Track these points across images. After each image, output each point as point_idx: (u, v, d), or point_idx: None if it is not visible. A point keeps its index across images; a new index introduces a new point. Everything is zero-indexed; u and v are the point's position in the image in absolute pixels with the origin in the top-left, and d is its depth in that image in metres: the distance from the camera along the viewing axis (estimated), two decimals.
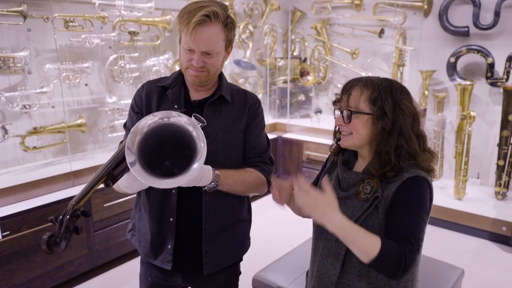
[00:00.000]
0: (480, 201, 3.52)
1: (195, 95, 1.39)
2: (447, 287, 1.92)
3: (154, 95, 1.38)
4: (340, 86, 4.61)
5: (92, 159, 3.04)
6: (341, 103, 1.21)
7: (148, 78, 3.32)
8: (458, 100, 3.54)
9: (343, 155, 1.30)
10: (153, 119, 1.09)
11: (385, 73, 4.30)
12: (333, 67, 4.70)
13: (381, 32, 4.13)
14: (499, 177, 3.48)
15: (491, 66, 3.52)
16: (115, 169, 1.10)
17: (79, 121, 3.00)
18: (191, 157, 1.10)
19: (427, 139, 1.21)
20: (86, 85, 3.12)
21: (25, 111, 2.70)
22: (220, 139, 1.35)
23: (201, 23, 1.20)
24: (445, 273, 2.03)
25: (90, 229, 2.67)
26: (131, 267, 2.92)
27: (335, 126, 1.28)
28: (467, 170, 3.52)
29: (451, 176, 3.78)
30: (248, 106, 1.42)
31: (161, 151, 1.17)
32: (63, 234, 0.99)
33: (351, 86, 1.19)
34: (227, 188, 1.30)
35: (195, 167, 1.07)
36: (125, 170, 1.11)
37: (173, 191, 1.34)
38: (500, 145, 3.43)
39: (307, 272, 1.38)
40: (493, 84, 3.56)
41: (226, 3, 1.32)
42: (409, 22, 4.02)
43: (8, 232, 2.28)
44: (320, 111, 4.56)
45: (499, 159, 3.45)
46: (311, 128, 4.36)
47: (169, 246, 1.36)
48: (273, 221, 3.68)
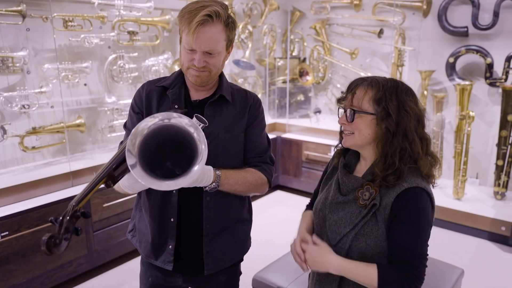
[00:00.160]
0: (479, 201, 3.53)
1: (196, 95, 1.38)
2: (447, 287, 1.92)
3: (154, 95, 1.38)
4: (339, 86, 4.63)
5: (91, 159, 3.03)
6: (345, 102, 1.20)
7: (147, 78, 3.31)
8: (457, 100, 3.54)
9: (345, 157, 1.29)
10: (153, 120, 1.07)
11: (384, 73, 4.30)
12: (332, 67, 4.69)
13: (380, 32, 4.13)
14: (498, 177, 3.49)
15: (490, 66, 3.53)
16: (115, 169, 1.08)
17: (78, 121, 2.99)
18: (192, 157, 1.09)
19: (431, 142, 1.19)
20: (85, 85, 3.11)
21: (24, 111, 2.69)
22: (220, 139, 1.34)
23: (203, 23, 1.19)
24: (445, 273, 2.03)
25: (89, 230, 2.67)
26: (130, 267, 2.91)
27: (340, 125, 1.27)
28: (466, 170, 3.53)
29: (450, 176, 3.79)
30: (249, 106, 1.42)
31: (161, 152, 1.15)
32: (63, 235, 0.98)
33: (356, 85, 1.18)
34: (228, 189, 1.30)
35: (196, 169, 1.06)
36: (126, 171, 1.10)
37: (173, 192, 1.33)
38: (499, 145, 3.43)
39: (309, 274, 1.37)
40: (492, 84, 3.56)
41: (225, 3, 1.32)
42: (408, 22, 4.02)
43: (7, 233, 2.28)
44: (319, 111, 4.56)
45: (498, 159, 3.45)
46: (310, 128, 4.36)
47: (170, 247, 1.36)
48: (272, 221, 3.68)
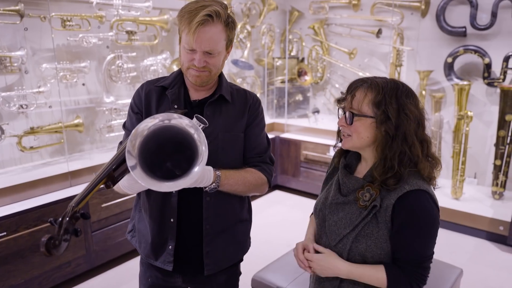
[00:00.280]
0: (477, 200, 3.54)
1: (195, 95, 1.38)
2: (446, 287, 1.92)
3: (153, 95, 1.37)
4: (337, 86, 4.63)
5: (90, 159, 3.02)
6: (345, 103, 1.19)
7: (146, 78, 3.30)
8: (455, 100, 3.55)
9: (345, 158, 1.29)
10: (153, 121, 1.07)
11: (382, 73, 4.30)
12: (331, 67, 4.70)
13: (379, 32, 4.13)
14: (496, 177, 3.50)
15: (488, 66, 3.54)
16: (115, 170, 1.07)
17: (76, 121, 2.98)
18: (192, 158, 1.08)
19: (431, 144, 1.18)
20: (83, 84, 3.10)
21: (22, 111, 2.68)
22: (220, 139, 1.34)
23: (203, 23, 1.19)
24: (444, 272, 2.03)
25: (87, 230, 2.66)
26: (129, 267, 2.90)
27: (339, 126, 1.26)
28: (464, 169, 3.54)
29: (449, 176, 3.79)
30: (248, 106, 1.41)
31: (161, 153, 1.15)
32: (62, 236, 0.96)
33: (355, 87, 1.17)
34: (228, 189, 1.30)
35: (196, 170, 1.06)
36: (125, 171, 1.09)
37: (173, 192, 1.33)
38: (497, 145, 3.44)
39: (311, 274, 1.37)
40: (490, 84, 3.57)
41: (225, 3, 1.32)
42: (406, 22, 4.03)
43: (5, 233, 2.27)
44: (317, 111, 4.56)
45: (496, 159, 3.46)
46: (309, 128, 4.35)
47: (170, 247, 1.35)
48: (271, 221, 3.67)
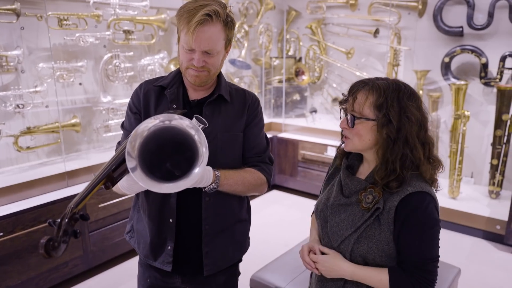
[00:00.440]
0: (474, 200, 3.55)
1: (194, 94, 1.37)
2: (444, 286, 1.92)
3: (152, 94, 1.37)
4: (335, 85, 4.63)
5: (87, 159, 3.00)
6: (346, 105, 1.19)
7: (143, 78, 3.29)
8: (452, 100, 3.56)
9: (347, 158, 1.28)
10: (153, 122, 1.06)
11: (380, 73, 4.31)
12: (328, 66, 4.70)
13: (376, 32, 4.14)
14: (492, 176, 3.51)
15: (485, 66, 3.55)
16: (115, 171, 1.06)
17: (73, 121, 2.96)
18: (192, 159, 1.08)
19: (433, 146, 1.18)
20: (80, 84, 3.08)
21: (18, 110, 2.66)
22: (219, 139, 1.33)
23: (202, 22, 1.18)
24: (442, 272, 2.01)
25: (85, 230, 2.64)
26: (127, 267, 2.89)
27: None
28: (461, 169, 3.55)
29: (446, 176, 3.80)
30: (247, 106, 1.41)
31: (161, 153, 1.14)
32: (62, 238, 0.95)
33: (357, 89, 1.15)
34: (228, 189, 1.29)
35: (196, 171, 1.05)
36: (125, 172, 1.08)
37: (172, 192, 1.32)
38: (493, 145, 3.46)
39: (311, 273, 1.37)
40: (487, 84, 3.58)
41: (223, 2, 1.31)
42: (403, 22, 4.03)
43: (1, 234, 2.25)
44: (315, 111, 4.56)
45: (492, 158, 3.48)
46: (306, 127, 4.36)
47: (169, 247, 1.35)
48: (269, 220, 3.67)
